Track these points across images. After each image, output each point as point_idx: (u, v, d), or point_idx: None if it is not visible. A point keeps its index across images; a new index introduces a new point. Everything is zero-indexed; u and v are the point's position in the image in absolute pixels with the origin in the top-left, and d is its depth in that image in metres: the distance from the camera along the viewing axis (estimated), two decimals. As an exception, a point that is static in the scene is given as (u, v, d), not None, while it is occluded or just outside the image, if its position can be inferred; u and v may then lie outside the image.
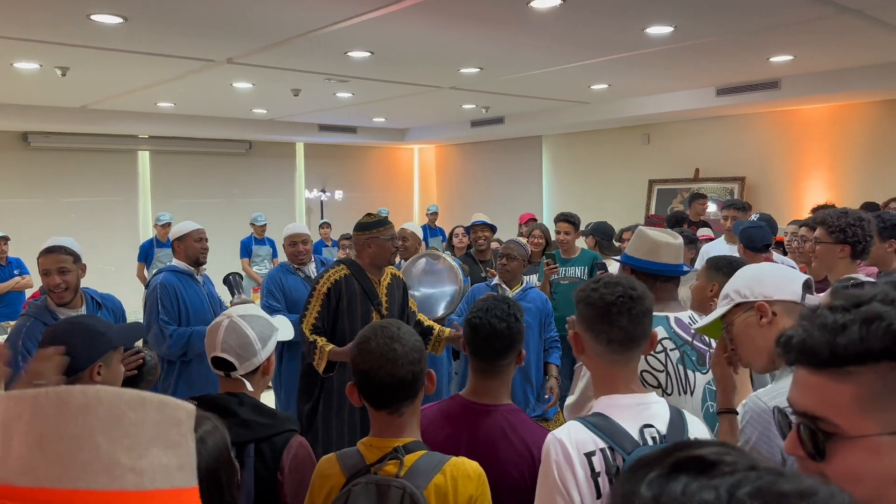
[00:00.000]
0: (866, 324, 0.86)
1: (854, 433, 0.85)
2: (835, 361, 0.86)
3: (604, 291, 1.68)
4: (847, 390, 0.86)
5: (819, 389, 0.88)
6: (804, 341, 0.90)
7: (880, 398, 0.85)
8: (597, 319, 1.67)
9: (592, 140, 10.54)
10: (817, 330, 0.89)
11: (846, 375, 0.86)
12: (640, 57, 5.90)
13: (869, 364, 0.85)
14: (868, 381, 0.85)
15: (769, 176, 8.59)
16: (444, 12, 4.39)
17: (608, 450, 1.54)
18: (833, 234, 3.02)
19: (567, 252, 5.25)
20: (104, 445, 0.59)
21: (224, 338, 2.00)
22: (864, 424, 0.85)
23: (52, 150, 9.46)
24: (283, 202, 11.66)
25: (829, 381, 0.87)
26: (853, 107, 7.91)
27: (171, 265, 4.01)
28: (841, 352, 0.86)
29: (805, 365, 0.90)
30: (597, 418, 1.59)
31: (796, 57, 6.08)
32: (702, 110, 8.32)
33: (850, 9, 4.53)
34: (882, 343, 0.85)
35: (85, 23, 4.44)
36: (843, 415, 0.86)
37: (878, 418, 0.85)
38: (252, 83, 6.87)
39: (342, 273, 3.59)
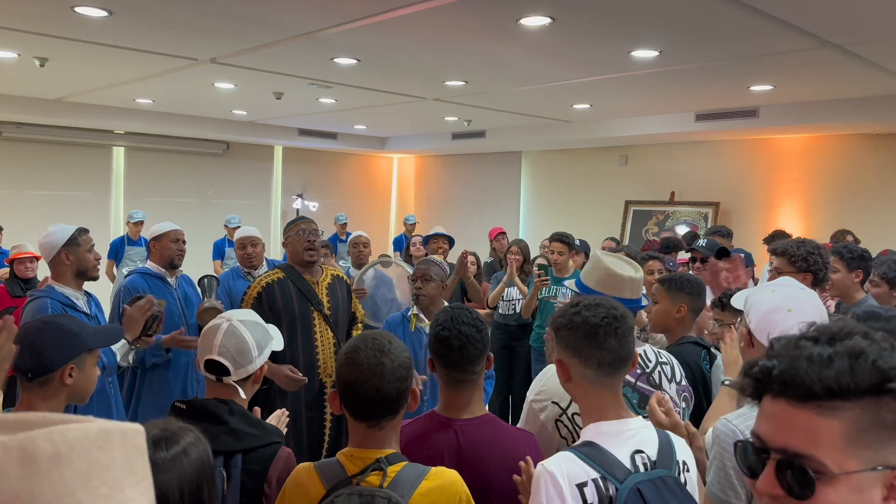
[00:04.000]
0: (853, 358, 0.85)
1: (838, 471, 0.84)
2: (824, 395, 0.85)
3: (587, 314, 1.65)
4: (834, 426, 0.84)
5: (804, 424, 0.86)
6: (787, 372, 0.87)
7: (863, 434, 0.84)
8: (584, 343, 1.64)
9: (571, 158, 10.62)
10: (804, 362, 0.86)
11: (832, 410, 0.85)
12: (623, 79, 5.96)
13: (854, 399, 0.84)
14: (854, 418, 0.84)
15: (743, 202, 8.72)
16: (434, 24, 4.39)
17: (600, 479, 1.51)
18: (795, 263, 3.04)
19: (560, 272, 5.26)
20: (86, 500, 0.52)
21: (222, 341, 1.95)
22: (849, 462, 0.84)
23: (24, 141, 9.27)
24: (258, 205, 11.55)
25: (816, 415, 0.85)
26: (829, 138, 8.08)
27: (142, 267, 3.92)
28: (832, 385, 0.85)
29: (787, 397, 0.88)
30: (587, 448, 1.56)
31: (776, 87, 6.19)
32: (680, 134, 8.43)
33: (831, 43, 4.62)
34: (870, 379, 0.84)
35: (68, 14, 4.36)
36: (830, 452, 0.84)
37: (861, 455, 0.84)
38: (234, 84, 6.80)
39: (275, 276, 3.55)
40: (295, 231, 3.58)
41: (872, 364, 0.84)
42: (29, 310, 3.10)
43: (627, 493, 1.47)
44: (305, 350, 3.48)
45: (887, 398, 0.84)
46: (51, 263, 3.26)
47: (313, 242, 3.56)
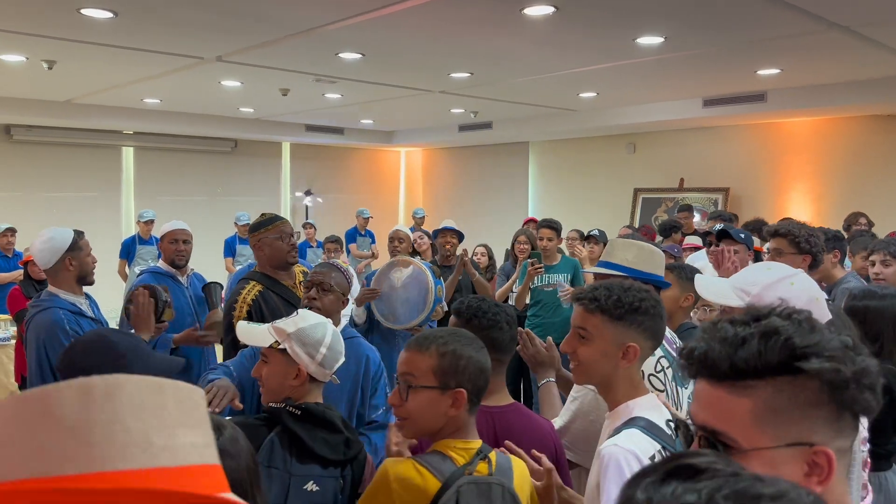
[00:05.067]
0: (765, 338, 0.88)
1: (748, 446, 0.87)
2: (734, 375, 0.88)
3: (656, 300, 1.75)
4: (745, 404, 0.88)
5: (718, 403, 0.90)
6: (705, 354, 0.91)
7: (776, 412, 0.87)
8: (660, 327, 1.73)
9: (579, 147, 10.60)
10: (718, 343, 0.90)
11: (744, 389, 0.88)
12: (629, 66, 5.94)
13: (767, 378, 0.87)
14: (765, 396, 0.87)
15: (753, 187, 8.68)
16: (438, 16, 4.39)
17: (662, 450, 1.59)
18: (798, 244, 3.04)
19: (549, 258, 5.25)
20: (135, 427, 0.61)
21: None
22: (759, 438, 0.87)
23: (35, 143, 9.35)
24: (267, 202, 11.58)
25: (728, 394, 0.89)
26: (837, 121, 8.02)
27: (153, 266, 3.95)
28: (741, 365, 0.88)
29: (705, 377, 0.91)
30: (643, 422, 1.62)
31: (783, 70, 6.15)
32: (688, 121, 8.39)
33: (838, 25, 4.59)
34: (779, 357, 0.87)
35: (75, 16, 4.39)
36: (740, 428, 0.88)
37: (772, 433, 0.87)
38: (241, 82, 6.83)
39: (255, 291, 3.27)
40: (275, 232, 3.37)
41: (784, 342, 0.87)
42: (41, 321, 2.98)
43: None
44: None
45: (802, 377, 0.86)
46: (50, 270, 3.11)
47: (295, 245, 3.45)
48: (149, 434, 0.61)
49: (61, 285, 3.13)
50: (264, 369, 2.03)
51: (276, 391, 2.00)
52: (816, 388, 0.86)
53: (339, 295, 2.84)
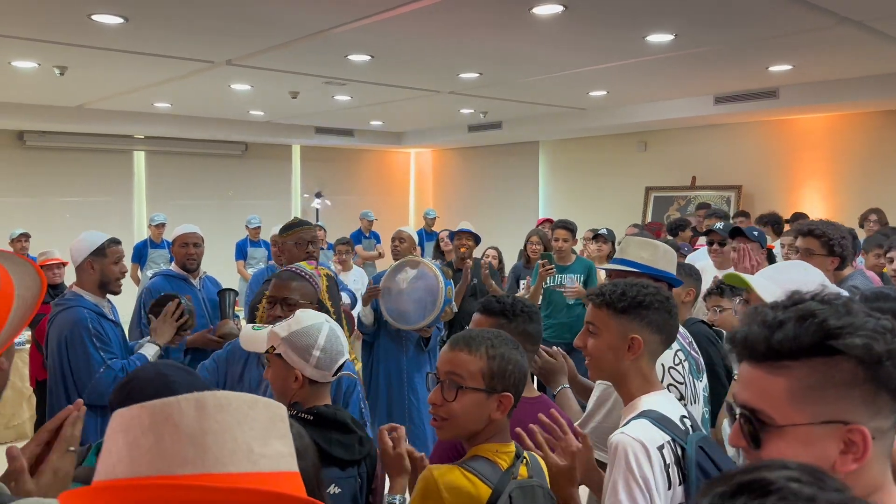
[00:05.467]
0: (801, 320, 0.93)
1: (784, 423, 0.92)
2: (771, 356, 0.94)
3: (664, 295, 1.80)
4: (781, 383, 0.93)
5: (756, 382, 0.95)
6: (746, 337, 0.97)
7: (811, 391, 0.91)
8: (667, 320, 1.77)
9: (589, 146, 10.56)
10: (757, 326, 0.96)
11: (781, 369, 0.93)
12: (639, 64, 5.91)
13: (802, 359, 0.92)
14: (801, 375, 0.92)
15: (766, 185, 8.61)
16: (446, 17, 4.39)
17: (671, 441, 1.63)
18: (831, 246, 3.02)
19: (563, 259, 5.23)
20: (240, 437, 0.73)
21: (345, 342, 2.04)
22: (795, 415, 0.92)
23: (47, 149, 9.42)
24: (278, 204, 11.62)
25: (766, 374, 0.94)
26: (851, 117, 7.95)
27: (166, 269, 3.97)
28: (776, 346, 0.93)
29: (746, 359, 0.97)
30: (655, 414, 1.66)
31: (795, 66, 6.10)
32: (699, 118, 8.34)
33: (850, 20, 4.55)
34: (813, 339, 0.91)
35: (85, 23, 4.41)
36: (776, 406, 0.93)
37: (808, 410, 0.91)
38: (250, 85, 6.85)
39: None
40: (294, 238, 3.46)
41: (819, 324, 0.91)
42: (65, 319, 3.05)
43: (695, 450, 1.63)
44: None
45: (837, 357, 0.90)
46: (77, 269, 3.23)
47: (312, 253, 3.48)
48: (250, 443, 0.73)
49: (83, 286, 3.21)
50: (267, 374, 2.04)
51: (280, 396, 2.01)
52: (851, 368, 0.90)
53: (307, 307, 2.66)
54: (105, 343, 3.06)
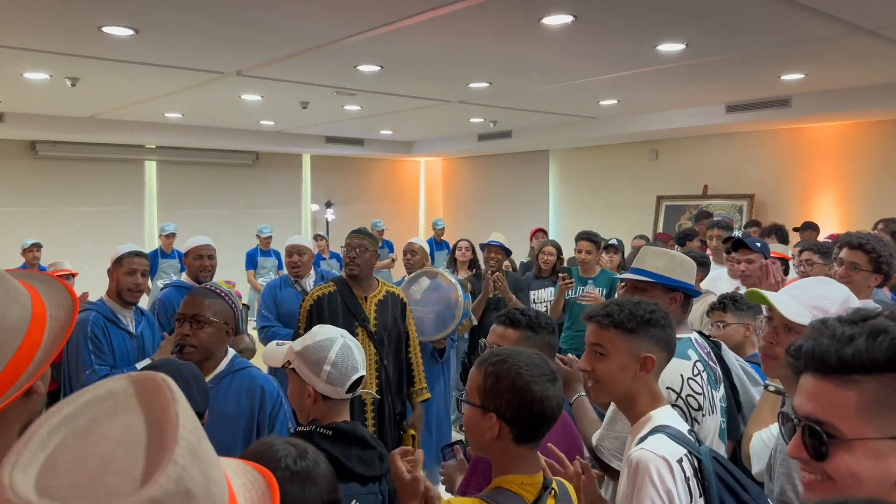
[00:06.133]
0: (873, 336, 0.93)
1: (853, 436, 0.92)
2: (841, 369, 0.93)
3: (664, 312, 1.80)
4: (850, 396, 0.92)
5: (824, 395, 0.95)
6: (813, 349, 0.97)
7: (881, 406, 0.91)
8: (672, 338, 1.78)
9: (600, 155, 10.52)
10: (826, 339, 0.96)
11: (850, 383, 0.93)
12: (650, 73, 5.88)
13: (873, 374, 0.92)
14: (871, 390, 0.92)
15: (778, 194, 8.55)
16: (456, 28, 4.38)
17: (687, 454, 1.63)
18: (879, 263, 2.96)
19: (587, 271, 5.18)
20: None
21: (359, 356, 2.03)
22: (864, 429, 0.92)
23: (59, 159, 9.48)
24: (289, 214, 11.64)
25: (834, 387, 0.94)
26: (864, 125, 7.88)
27: (177, 280, 3.98)
28: (848, 360, 0.93)
29: (813, 372, 0.97)
30: (671, 429, 1.66)
31: (808, 75, 6.05)
32: (711, 127, 8.29)
33: (862, 28, 4.50)
34: (886, 354, 0.91)
35: (96, 34, 4.44)
36: (845, 419, 0.92)
37: (877, 424, 0.91)
38: (261, 95, 6.86)
39: (327, 290, 3.52)
40: (345, 245, 3.55)
41: (891, 340, 0.91)
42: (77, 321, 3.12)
43: (710, 461, 1.64)
44: None
45: None
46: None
47: (354, 259, 3.49)
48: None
49: (108, 293, 3.34)
50: (288, 389, 2.04)
51: (298, 411, 2.01)
52: None
53: (220, 326, 2.47)
54: (98, 348, 3.10)
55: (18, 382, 1.02)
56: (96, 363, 3.08)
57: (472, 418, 1.58)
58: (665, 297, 2.36)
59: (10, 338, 1.01)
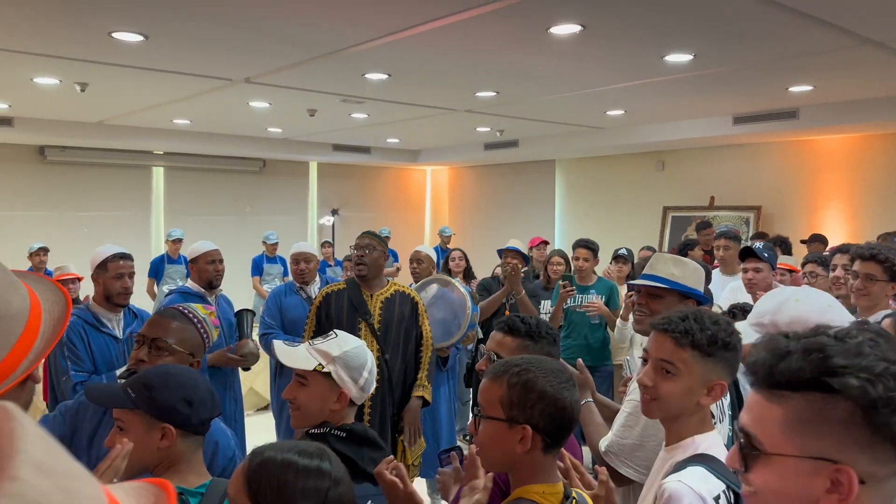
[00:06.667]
0: (806, 353, 0.92)
1: (773, 451, 0.93)
2: (772, 384, 0.94)
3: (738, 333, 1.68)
4: (777, 412, 0.93)
5: (756, 408, 0.96)
6: (753, 363, 0.98)
7: (805, 424, 0.91)
8: (738, 362, 1.65)
9: (606, 165, 10.51)
10: (766, 353, 0.96)
11: (779, 398, 0.93)
12: (657, 84, 5.87)
13: (800, 391, 0.91)
14: (797, 407, 0.91)
15: (786, 206, 8.52)
16: (463, 37, 4.38)
17: (726, 489, 1.53)
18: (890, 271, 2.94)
19: (584, 279, 5.16)
20: None
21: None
22: (785, 445, 0.92)
23: (67, 164, 9.52)
24: (295, 221, 11.66)
25: (765, 401, 0.95)
26: (872, 138, 7.85)
27: (182, 286, 3.95)
28: (777, 376, 0.93)
29: (752, 384, 0.99)
30: (710, 461, 1.56)
31: (816, 87, 6.04)
32: (718, 138, 8.27)
33: (871, 40, 4.49)
34: (813, 373, 0.90)
35: (106, 40, 4.46)
36: (769, 434, 0.93)
37: (799, 443, 0.91)
38: (269, 102, 6.89)
39: (336, 288, 3.65)
40: (354, 245, 3.65)
41: (822, 360, 0.90)
42: None
43: None
44: None
45: (838, 396, 0.89)
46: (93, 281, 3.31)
47: (362, 258, 3.58)
48: None
49: (95, 297, 3.30)
50: (301, 393, 1.97)
51: (314, 415, 1.97)
52: (849, 408, 0.88)
53: (183, 357, 2.24)
54: (75, 354, 3.06)
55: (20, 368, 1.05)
56: (73, 369, 3.03)
57: (496, 433, 1.49)
58: (678, 304, 2.35)
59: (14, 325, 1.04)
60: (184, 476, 1.71)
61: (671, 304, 2.33)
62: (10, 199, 9.17)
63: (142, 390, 1.72)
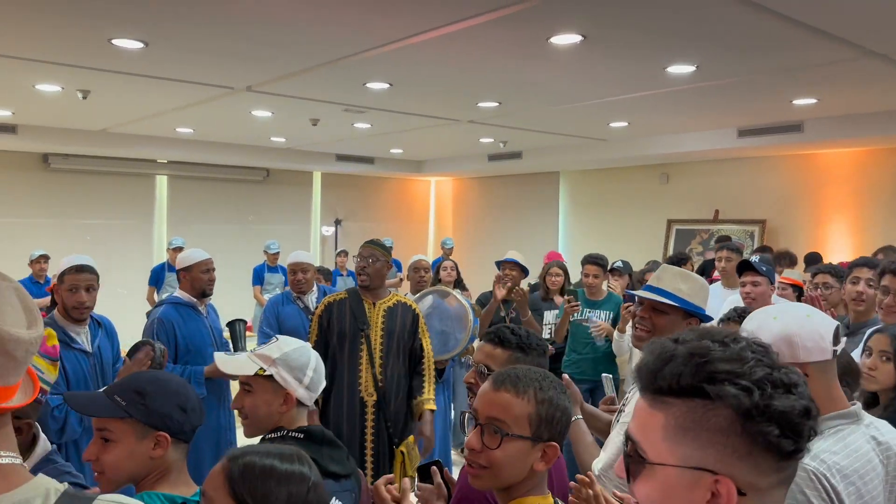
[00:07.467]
0: (689, 358, 0.89)
1: (655, 460, 0.89)
2: (655, 389, 0.91)
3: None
4: (659, 418, 0.90)
5: (640, 414, 0.93)
6: (639, 367, 0.94)
7: (685, 432, 0.87)
8: None
9: (611, 178, 10.48)
10: (652, 357, 0.93)
11: (662, 404, 0.90)
12: (660, 95, 5.84)
13: (682, 398, 0.88)
14: (678, 414, 0.88)
15: (790, 219, 8.46)
16: (463, 46, 4.36)
17: None
18: None
19: (593, 295, 5.10)
20: None
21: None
22: (666, 455, 0.88)
23: (71, 171, 9.54)
24: (298, 230, 11.65)
25: (649, 407, 0.92)
26: (878, 152, 7.80)
27: (172, 296, 3.86)
28: (660, 381, 0.90)
29: (640, 389, 0.95)
30: None
31: (820, 100, 6.00)
32: (723, 151, 8.23)
33: (875, 53, 4.46)
34: (693, 380, 0.87)
35: (106, 47, 4.45)
36: (651, 441, 0.90)
37: (679, 452, 0.87)
38: (271, 111, 6.88)
39: (338, 297, 3.68)
40: (357, 255, 3.70)
41: (702, 365, 0.87)
42: None
43: None
44: (350, 368, 3.57)
45: (719, 403, 0.86)
46: None
47: (364, 268, 3.63)
48: None
49: (59, 309, 3.18)
50: (247, 400, 1.96)
51: (263, 420, 1.96)
52: (729, 416, 0.85)
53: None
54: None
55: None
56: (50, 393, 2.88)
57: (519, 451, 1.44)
58: (682, 322, 2.27)
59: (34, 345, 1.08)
60: (174, 485, 1.68)
61: (675, 321, 2.26)
62: (13, 206, 9.18)
63: (134, 398, 1.68)
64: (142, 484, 1.66)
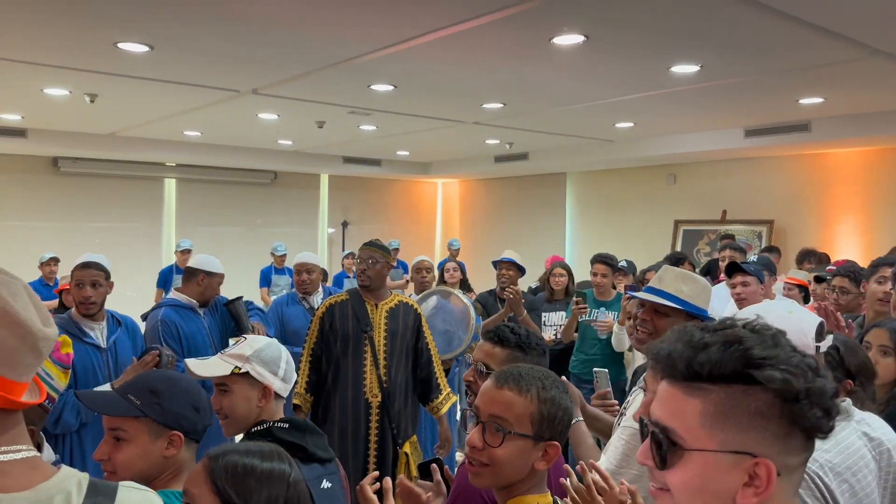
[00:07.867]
0: (726, 345, 0.91)
1: (694, 446, 0.90)
2: (690, 376, 0.92)
3: None
4: (696, 405, 0.90)
5: (672, 401, 0.93)
6: (668, 354, 0.95)
7: (724, 417, 0.89)
8: None
9: (617, 178, 10.45)
10: (682, 345, 0.94)
11: (698, 391, 0.91)
12: (665, 96, 5.83)
13: (721, 384, 0.90)
14: (716, 400, 0.89)
15: (798, 219, 8.42)
16: (467, 47, 4.37)
17: None
18: None
19: (602, 294, 5.10)
20: None
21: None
22: (705, 440, 0.89)
23: (81, 175, 9.61)
24: (305, 233, 11.69)
25: (683, 394, 0.92)
26: (886, 151, 7.75)
27: (171, 298, 3.86)
28: (697, 368, 0.91)
29: (667, 377, 0.95)
30: None
31: (827, 99, 5.97)
32: (729, 151, 8.21)
33: (881, 51, 4.43)
34: (735, 365, 0.89)
35: (112, 51, 4.49)
36: (688, 427, 0.91)
37: (719, 437, 0.89)
38: (277, 114, 6.91)
39: (339, 299, 3.69)
40: (357, 257, 3.74)
41: (742, 351, 0.89)
42: None
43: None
44: (354, 369, 3.58)
45: (756, 387, 0.88)
46: None
47: (364, 270, 3.65)
48: None
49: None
50: (225, 400, 1.99)
51: (243, 418, 1.99)
52: (768, 400, 0.88)
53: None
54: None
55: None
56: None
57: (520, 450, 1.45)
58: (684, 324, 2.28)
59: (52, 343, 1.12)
60: None
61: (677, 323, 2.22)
62: (24, 209, 9.26)
63: (149, 397, 1.69)
64: (154, 483, 1.67)
